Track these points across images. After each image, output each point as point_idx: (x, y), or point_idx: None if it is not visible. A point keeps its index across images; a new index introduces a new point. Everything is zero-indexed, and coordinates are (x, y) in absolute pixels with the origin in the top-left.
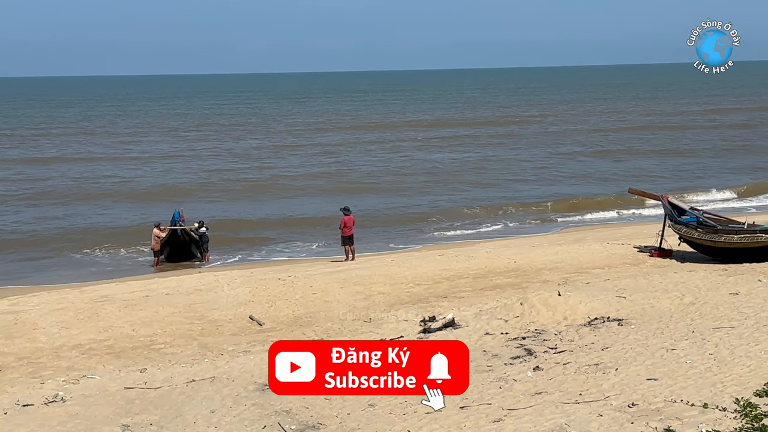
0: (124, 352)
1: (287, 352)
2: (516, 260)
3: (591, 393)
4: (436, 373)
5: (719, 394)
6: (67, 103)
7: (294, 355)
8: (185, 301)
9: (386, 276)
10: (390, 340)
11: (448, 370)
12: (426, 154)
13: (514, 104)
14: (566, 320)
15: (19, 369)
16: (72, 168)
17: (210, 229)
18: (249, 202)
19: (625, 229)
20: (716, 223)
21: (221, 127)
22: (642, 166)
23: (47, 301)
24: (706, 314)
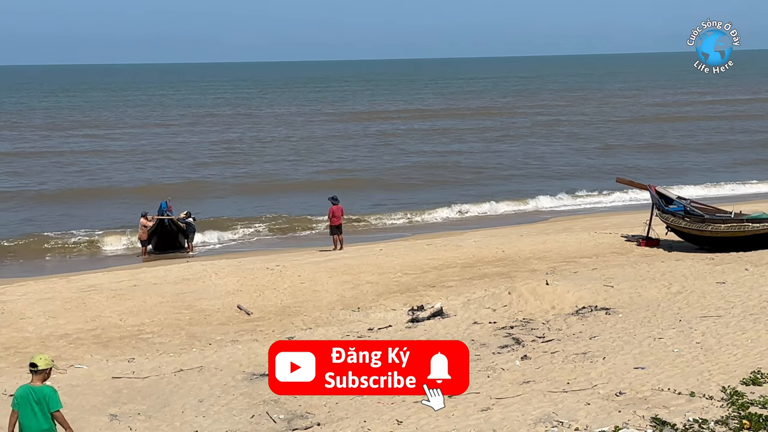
0: (111, 341)
1: (287, 352)
2: (504, 249)
3: (579, 382)
4: (436, 373)
5: (706, 382)
6: (49, 93)
7: (294, 355)
8: (173, 291)
9: (374, 265)
10: (391, 341)
11: (448, 369)
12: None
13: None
14: (554, 309)
15: (6, 359)
16: (62, 159)
17: (197, 220)
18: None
19: (613, 218)
20: (703, 212)
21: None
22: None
23: (34, 291)
24: (693, 303)
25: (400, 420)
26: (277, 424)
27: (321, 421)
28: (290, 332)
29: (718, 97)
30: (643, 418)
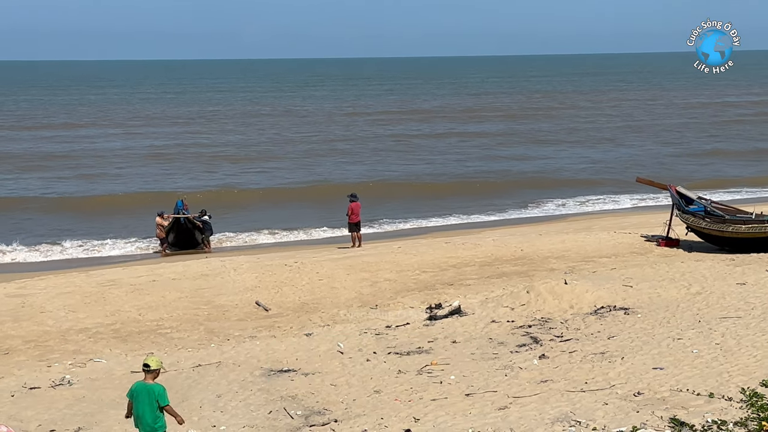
0: (130, 336)
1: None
2: (522, 248)
3: (597, 381)
4: None
5: (725, 383)
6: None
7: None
8: (192, 286)
9: (393, 263)
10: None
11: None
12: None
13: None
14: (572, 309)
15: (27, 352)
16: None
17: (213, 217)
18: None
19: (632, 218)
20: (724, 212)
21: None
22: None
23: (54, 285)
24: (712, 304)
25: (417, 417)
26: (295, 420)
27: (338, 418)
28: (308, 329)
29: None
30: (661, 419)
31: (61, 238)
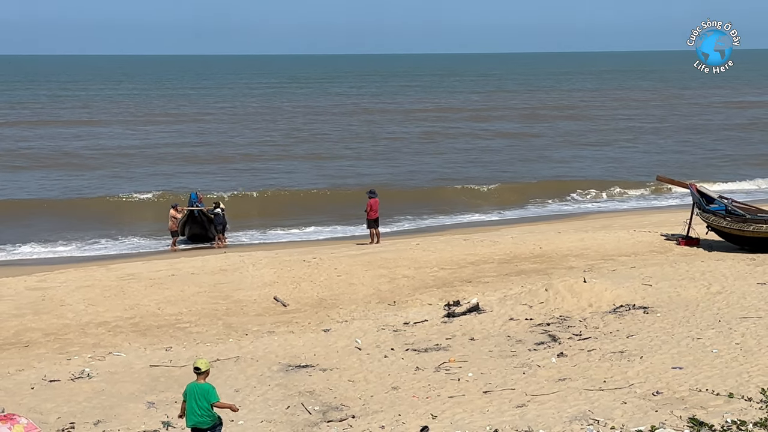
0: (149, 330)
1: None
2: (541, 246)
3: (615, 380)
4: None
5: (745, 384)
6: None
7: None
8: (210, 281)
9: (411, 259)
10: None
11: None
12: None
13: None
14: (591, 307)
15: (47, 345)
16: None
17: (225, 209)
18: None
19: (652, 217)
20: (745, 212)
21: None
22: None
23: (74, 278)
24: (733, 304)
25: (435, 414)
26: (312, 416)
27: (355, 414)
28: (326, 324)
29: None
30: (680, 419)
31: (78, 235)
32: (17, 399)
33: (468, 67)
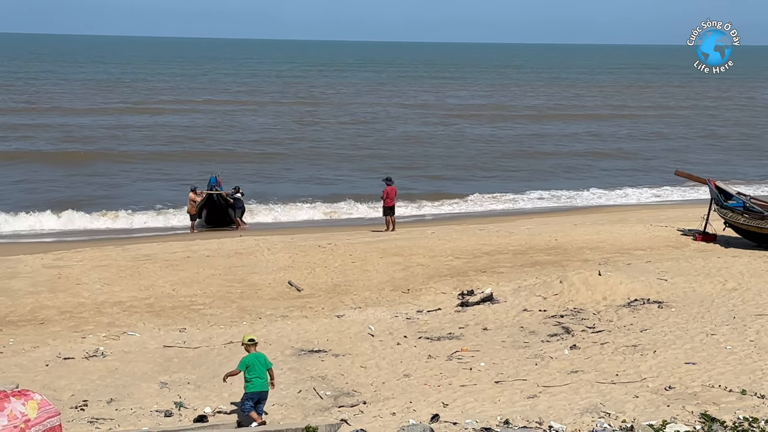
0: (164, 311)
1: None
2: (557, 238)
3: (628, 374)
4: None
5: (758, 381)
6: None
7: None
8: (226, 264)
9: (426, 248)
10: None
11: None
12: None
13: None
14: (605, 300)
15: (62, 323)
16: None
17: (245, 194)
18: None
19: (669, 212)
20: (763, 209)
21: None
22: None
23: (90, 258)
24: (748, 301)
25: (446, 402)
26: (324, 401)
27: (367, 400)
28: (340, 310)
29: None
30: (692, 414)
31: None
32: (31, 375)
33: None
